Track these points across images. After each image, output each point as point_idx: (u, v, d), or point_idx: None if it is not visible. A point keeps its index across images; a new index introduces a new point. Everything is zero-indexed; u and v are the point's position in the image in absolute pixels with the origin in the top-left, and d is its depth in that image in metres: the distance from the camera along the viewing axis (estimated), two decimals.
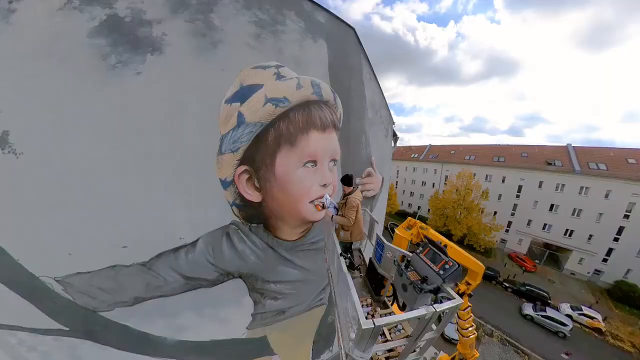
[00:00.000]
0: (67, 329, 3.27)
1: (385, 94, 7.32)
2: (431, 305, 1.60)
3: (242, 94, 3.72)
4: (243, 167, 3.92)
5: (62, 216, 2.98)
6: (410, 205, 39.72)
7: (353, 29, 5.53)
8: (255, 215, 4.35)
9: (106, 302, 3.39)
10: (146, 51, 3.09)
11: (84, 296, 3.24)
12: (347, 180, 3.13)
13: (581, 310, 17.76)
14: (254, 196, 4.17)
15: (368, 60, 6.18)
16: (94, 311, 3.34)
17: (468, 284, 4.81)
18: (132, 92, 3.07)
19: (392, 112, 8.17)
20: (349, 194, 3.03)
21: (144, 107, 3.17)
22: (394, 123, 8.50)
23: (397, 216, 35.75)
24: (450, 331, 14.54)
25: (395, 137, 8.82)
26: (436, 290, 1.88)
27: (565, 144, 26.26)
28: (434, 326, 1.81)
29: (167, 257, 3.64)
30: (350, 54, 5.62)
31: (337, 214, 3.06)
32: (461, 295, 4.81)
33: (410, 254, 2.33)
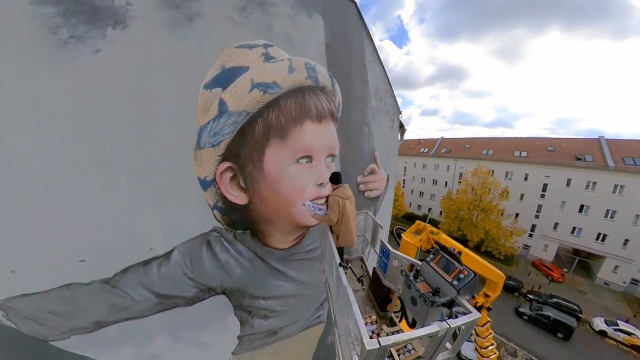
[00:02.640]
0: None
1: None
2: (445, 320, 1.61)
3: (224, 78, 3.68)
4: (226, 164, 3.89)
5: (1, 226, 2.88)
6: (419, 206, 40.04)
7: (354, 2, 5.52)
8: (241, 220, 4.32)
9: (60, 329, 3.29)
10: (107, 24, 2.99)
11: (31, 323, 3.13)
12: (335, 178, 3.31)
13: (617, 325, 18.10)
14: (239, 198, 4.14)
15: (371, 40, 6.19)
16: (44, 341, 3.24)
17: (486, 296, 4.86)
18: (89, 74, 2.97)
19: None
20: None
21: (105, 92, 3.09)
22: (400, 113, 8.54)
23: (405, 219, 35.99)
24: (468, 350, 14.72)
25: (402, 128, 8.87)
26: (450, 304, 1.90)
27: (597, 137, 26.70)
28: (448, 345, 1.83)
29: (135, 271, 3.59)
30: (350, 32, 5.61)
31: (325, 214, 3.20)
32: (479, 308, 4.86)
33: (420, 263, 2.35)
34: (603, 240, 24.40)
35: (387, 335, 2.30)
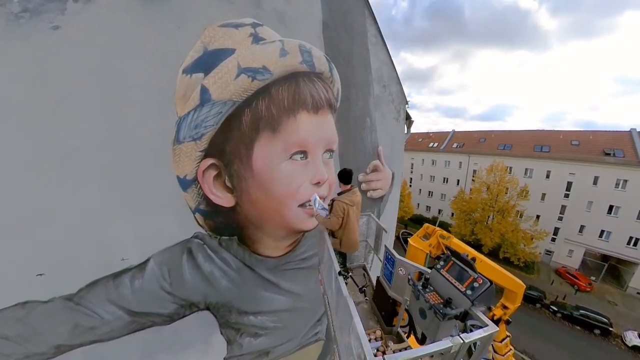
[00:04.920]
0: None
1: None
2: (458, 335, 1.62)
3: (207, 62, 3.67)
4: (209, 161, 3.88)
5: None
6: (428, 208, 40.30)
7: None
8: (227, 225, 4.32)
9: (13, 355, 3.24)
10: None
11: None
12: (344, 176, 3.22)
13: None
14: (224, 199, 4.14)
15: (374, 19, 6.19)
16: None
17: (505, 307, 4.92)
18: (46, 56, 2.92)
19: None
20: (341, 193, 3.21)
21: (65, 77, 3.05)
22: (407, 102, 8.57)
23: (412, 222, 36.26)
24: None
25: (409, 120, 8.89)
26: (464, 316, 1.91)
27: (628, 129, 26.96)
28: None
29: (103, 286, 3.57)
30: (351, 10, 5.61)
31: (327, 217, 3.23)
32: (496, 322, 4.91)
33: (429, 271, 2.37)
34: (635, 244, 24.70)
35: (394, 352, 2.31)
